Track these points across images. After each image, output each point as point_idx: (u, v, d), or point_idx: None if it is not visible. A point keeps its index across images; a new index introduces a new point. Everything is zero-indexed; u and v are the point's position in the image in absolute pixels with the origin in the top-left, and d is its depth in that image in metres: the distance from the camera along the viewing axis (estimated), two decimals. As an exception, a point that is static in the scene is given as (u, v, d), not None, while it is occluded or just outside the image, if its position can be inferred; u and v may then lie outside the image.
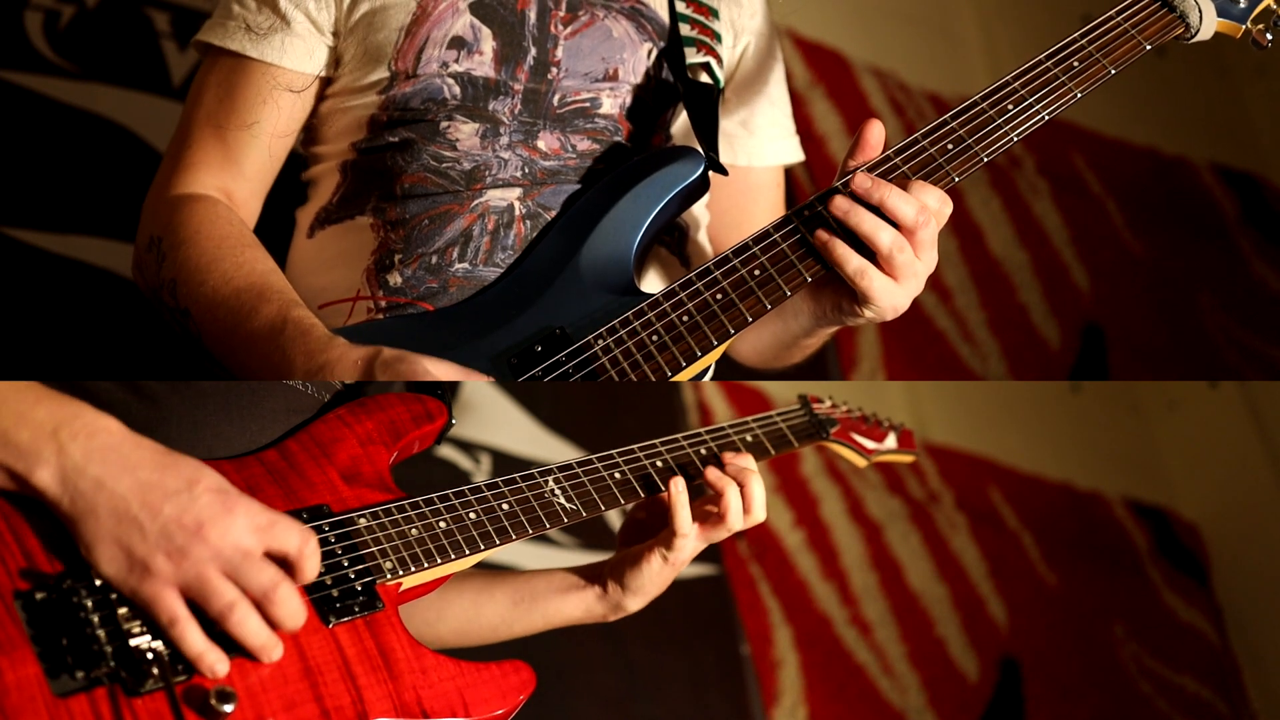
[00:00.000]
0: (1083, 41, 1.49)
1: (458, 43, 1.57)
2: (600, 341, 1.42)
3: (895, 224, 1.40)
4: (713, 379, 1.55)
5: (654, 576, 1.47)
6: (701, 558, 2.76)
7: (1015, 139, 1.45)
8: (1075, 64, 1.47)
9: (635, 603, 1.50)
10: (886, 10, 3.35)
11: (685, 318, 1.42)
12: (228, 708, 1.10)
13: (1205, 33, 1.52)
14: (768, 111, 1.75)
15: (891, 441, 1.74)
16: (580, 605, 1.51)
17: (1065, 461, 3.32)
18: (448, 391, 1.45)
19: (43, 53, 2.30)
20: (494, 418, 2.67)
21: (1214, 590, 3.32)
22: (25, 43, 2.29)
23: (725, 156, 1.72)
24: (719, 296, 1.43)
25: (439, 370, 1.29)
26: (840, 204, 1.42)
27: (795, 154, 1.78)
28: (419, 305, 1.50)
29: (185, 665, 1.12)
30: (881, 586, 2.97)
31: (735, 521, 1.45)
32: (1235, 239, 3.46)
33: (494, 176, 1.55)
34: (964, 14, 3.48)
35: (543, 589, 1.52)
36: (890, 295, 1.42)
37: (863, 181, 1.42)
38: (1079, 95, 1.47)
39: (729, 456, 1.48)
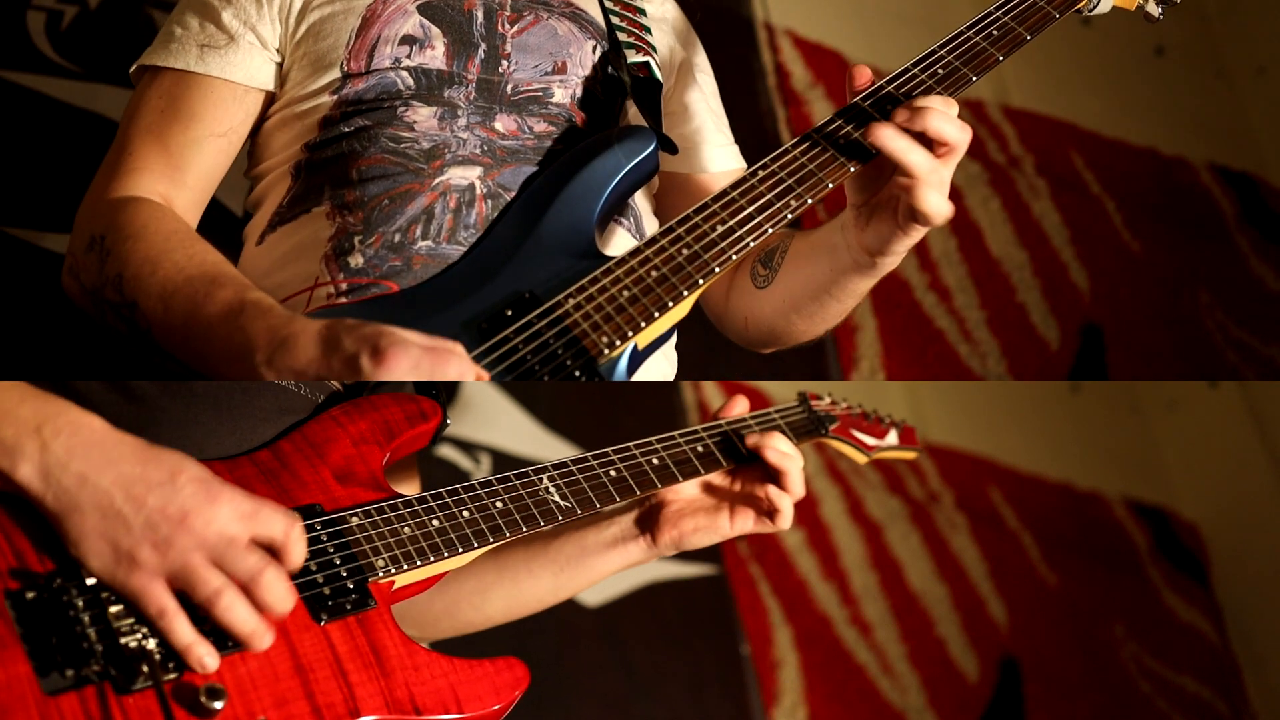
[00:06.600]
0: (999, 14, 1.58)
1: (409, 40, 1.59)
2: (570, 300, 1.41)
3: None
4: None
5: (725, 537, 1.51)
6: (701, 558, 2.77)
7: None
8: (994, 32, 1.57)
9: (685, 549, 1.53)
10: (886, 10, 3.35)
11: (653, 272, 1.42)
12: (218, 705, 1.10)
13: (1104, 6, 1.62)
14: (713, 120, 1.79)
15: (893, 438, 1.73)
16: (623, 560, 1.52)
17: (1065, 461, 3.31)
18: (443, 392, 1.45)
19: (45, 53, 2.30)
20: (493, 417, 2.67)
21: (1214, 590, 3.31)
22: (27, 43, 2.30)
23: (684, 166, 1.75)
24: (683, 251, 1.43)
25: (407, 336, 1.23)
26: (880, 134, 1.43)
27: (740, 161, 1.80)
28: (382, 284, 1.48)
29: (176, 663, 1.13)
30: (881, 586, 2.97)
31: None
32: (1234, 239, 3.45)
33: (454, 154, 1.55)
34: (963, 15, 3.47)
35: (585, 551, 1.52)
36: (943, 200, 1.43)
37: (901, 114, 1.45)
38: (1001, 59, 1.55)
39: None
